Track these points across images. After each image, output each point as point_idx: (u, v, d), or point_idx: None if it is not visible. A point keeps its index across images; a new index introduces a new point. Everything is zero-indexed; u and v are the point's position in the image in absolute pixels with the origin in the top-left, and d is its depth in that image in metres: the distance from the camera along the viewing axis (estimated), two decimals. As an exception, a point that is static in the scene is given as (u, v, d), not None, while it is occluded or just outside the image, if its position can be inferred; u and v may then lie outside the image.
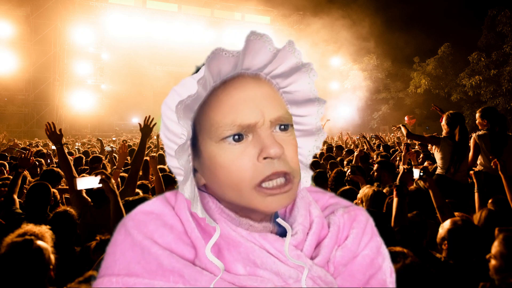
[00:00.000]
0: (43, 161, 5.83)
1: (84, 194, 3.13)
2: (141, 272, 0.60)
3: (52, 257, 1.82)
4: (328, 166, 5.68)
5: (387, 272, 0.70)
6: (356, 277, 0.67)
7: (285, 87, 0.71)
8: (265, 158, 0.60)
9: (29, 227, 1.97)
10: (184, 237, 0.64)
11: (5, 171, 4.92)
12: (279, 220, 0.68)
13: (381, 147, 8.15)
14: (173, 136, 0.66)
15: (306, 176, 0.77)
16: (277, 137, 0.63)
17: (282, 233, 0.68)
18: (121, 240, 0.64)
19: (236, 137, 0.61)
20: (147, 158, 3.95)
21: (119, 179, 3.85)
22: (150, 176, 4.49)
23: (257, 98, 0.63)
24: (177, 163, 0.64)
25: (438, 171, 4.15)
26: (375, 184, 3.26)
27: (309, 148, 0.78)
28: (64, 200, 3.72)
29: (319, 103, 0.74)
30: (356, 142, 10.07)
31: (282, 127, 0.64)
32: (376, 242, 0.72)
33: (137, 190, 3.29)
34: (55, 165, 5.58)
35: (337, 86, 28.51)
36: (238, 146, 0.61)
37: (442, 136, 4.18)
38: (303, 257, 0.63)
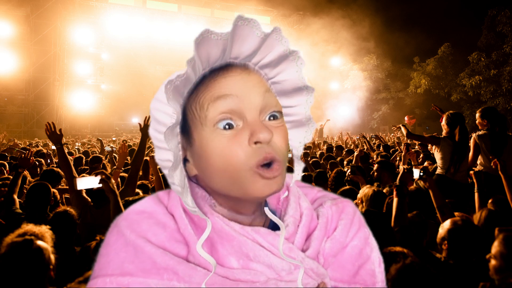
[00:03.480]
0: (43, 161, 5.82)
1: (84, 194, 3.13)
2: (135, 271, 0.60)
3: (52, 257, 1.83)
4: (328, 166, 5.68)
5: (376, 262, 0.70)
6: (345, 267, 0.68)
7: (274, 77, 0.72)
8: (255, 143, 0.61)
9: (29, 227, 1.97)
10: (177, 234, 0.65)
11: (5, 171, 4.91)
12: (268, 213, 0.68)
13: (381, 147, 8.15)
14: (162, 127, 0.66)
15: (298, 169, 0.78)
16: (267, 125, 0.64)
17: (274, 226, 0.68)
18: (114, 240, 0.64)
19: (227, 125, 0.62)
20: (147, 158, 3.95)
21: (119, 179, 3.85)
22: (150, 176, 4.49)
23: (246, 84, 0.64)
24: (166, 154, 0.64)
25: (438, 171, 4.15)
26: (375, 184, 3.27)
27: (299, 140, 0.79)
28: (64, 200, 3.72)
29: (307, 92, 0.74)
30: (356, 142, 10.07)
31: (271, 117, 0.65)
32: (364, 233, 0.73)
33: (137, 190, 3.29)
34: (55, 165, 5.58)
35: (337, 86, 28.49)
36: (229, 133, 0.62)
37: (442, 136, 4.19)
38: (295, 250, 0.64)
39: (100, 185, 2.44)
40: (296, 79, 0.72)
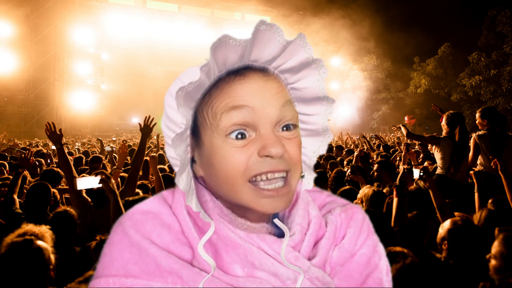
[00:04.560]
0: (43, 161, 5.82)
1: (84, 194, 3.13)
2: (138, 273, 0.59)
3: (52, 257, 1.83)
4: (328, 166, 5.67)
5: (384, 270, 0.69)
6: (353, 277, 0.67)
7: (293, 83, 0.69)
8: (266, 156, 0.59)
9: (29, 227, 1.97)
10: (182, 237, 0.64)
11: (5, 171, 4.92)
12: (276, 221, 0.67)
13: (381, 147, 8.15)
14: (173, 125, 0.66)
15: (309, 178, 0.75)
16: (281, 136, 0.62)
17: (280, 234, 0.67)
18: (118, 240, 0.63)
19: (239, 135, 0.60)
20: (147, 158, 3.95)
21: (119, 179, 3.85)
22: (150, 176, 4.49)
23: (263, 94, 0.62)
24: (174, 152, 0.63)
25: (438, 171, 4.15)
26: (375, 184, 3.27)
27: (313, 149, 0.76)
28: (64, 200, 3.72)
29: (327, 102, 0.72)
30: (356, 142, 10.07)
31: (285, 127, 0.63)
32: (372, 241, 0.71)
33: (137, 190, 3.29)
34: (55, 165, 5.58)
35: (337, 86, 28.52)
36: (240, 143, 0.60)
37: (442, 136, 4.19)
38: (301, 258, 0.63)
39: (100, 185, 2.44)
40: (316, 88, 0.70)
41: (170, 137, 0.66)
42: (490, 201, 2.91)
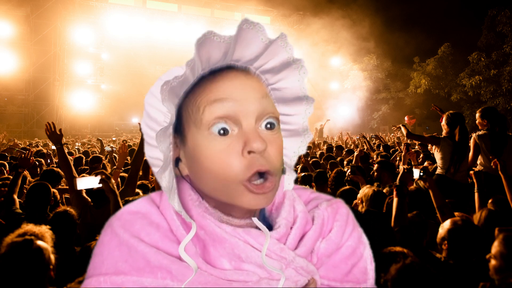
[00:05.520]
0: (43, 161, 5.83)
1: (84, 194, 3.13)
2: (128, 270, 0.60)
3: (52, 257, 1.83)
4: (328, 166, 5.68)
5: (368, 259, 0.72)
6: (339, 267, 0.69)
7: (274, 84, 0.71)
8: (249, 153, 0.60)
9: (29, 227, 1.97)
10: (170, 234, 0.65)
11: (5, 171, 4.92)
12: (254, 220, 0.68)
13: (381, 147, 8.15)
14: (155, 124, 0.66)
15: (290, 178, 0.77)
16: (262, 134, 0.63)
17: (267, 227, 0.68)
18: (107, 240, 0.65)
19: (222, 131, 0.61)
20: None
21: (119, 179, 3.85)
22: (150, 176, 4.49)
23: (244, 89, 0.64)
24: (157, 152, 0.64)
25: (438, 171, 4.15)
26: (375, 184, 3.27)
27: (294, 149, 0.78)
28: (64, 200, 3.72)
29: (307, 102, 0.74)
30: (356, 142, 10.08)
31: (268, 125, 0.64)
32: (358, 233, 0.74)
33: (137, 190, 3.29)
34: (55, 165, 5.58)
35: (337, 86, 28.49)
36: (223, 139, 0.61)
37: (442, 136, 4.19)
38: (286, 249, 0.65)
39: (100, 185, 2.45)
40: (297, 88, 0.71)
41: (150, 137, 0.67)
42: (490, 201, 2.92)
